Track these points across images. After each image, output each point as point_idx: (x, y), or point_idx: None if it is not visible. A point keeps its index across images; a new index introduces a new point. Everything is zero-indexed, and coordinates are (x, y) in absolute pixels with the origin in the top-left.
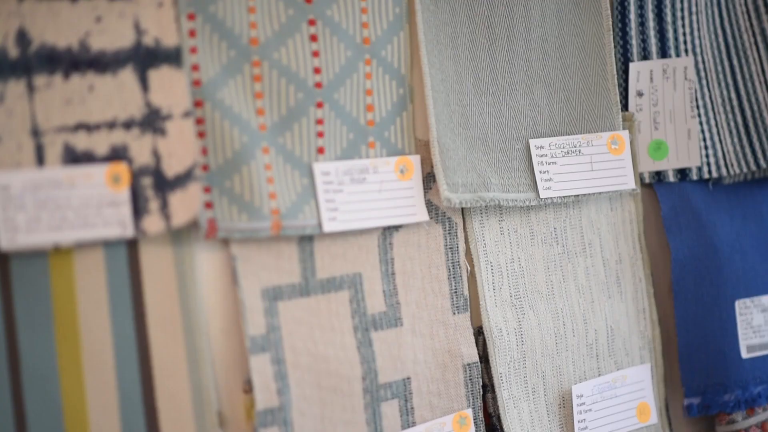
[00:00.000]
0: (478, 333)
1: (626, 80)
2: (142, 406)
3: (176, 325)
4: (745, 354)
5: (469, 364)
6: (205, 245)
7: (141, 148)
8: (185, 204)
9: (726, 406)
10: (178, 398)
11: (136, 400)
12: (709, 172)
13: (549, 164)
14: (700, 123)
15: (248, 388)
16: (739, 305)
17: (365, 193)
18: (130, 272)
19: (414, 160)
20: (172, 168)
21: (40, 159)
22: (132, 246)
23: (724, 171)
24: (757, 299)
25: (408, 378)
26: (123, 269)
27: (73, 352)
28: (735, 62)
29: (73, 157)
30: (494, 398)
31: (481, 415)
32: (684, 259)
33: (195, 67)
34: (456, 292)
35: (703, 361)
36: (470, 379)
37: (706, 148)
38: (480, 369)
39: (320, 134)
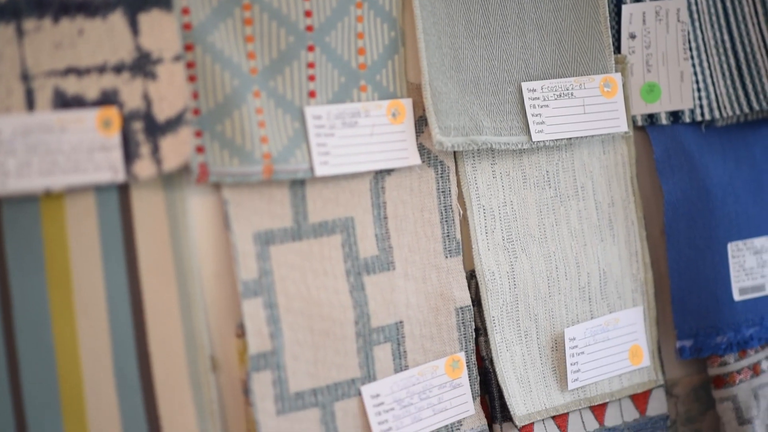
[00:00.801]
0: (471, 276)
1: (619, 22)
2: (134, 351)
3: (168, 269)
4: (737, 296)
5: (461, 308)
6: (196, 190)
7: (131, 92)
8: (176, 148)
9: (718, 348)
10: (170, 343)
11: (128, 345)
12: (702, 114)
13: (541, 107)
14: (693, 65)
15: (241, 332)
16: (732, 248)
17: (357, 137)
18: (122, 217)
19: (406, 104)
20: (163, 112)
21: (30, 103)
22: (123, 191)
23: (716, 113)
24: (750, 242)
25: (400, 322)
26: (114, 214)
27: (65, 297)
28: (728, 4)
29: (64, 102)
30: (487, 341)
31: (473, 358)
32: (676, 202)
33: (185, 11)
34: (448, 235)
35: (696, 304)
36: (463, 323)
37: (698, 90)
38: (472, 312)
39: (311, 78)
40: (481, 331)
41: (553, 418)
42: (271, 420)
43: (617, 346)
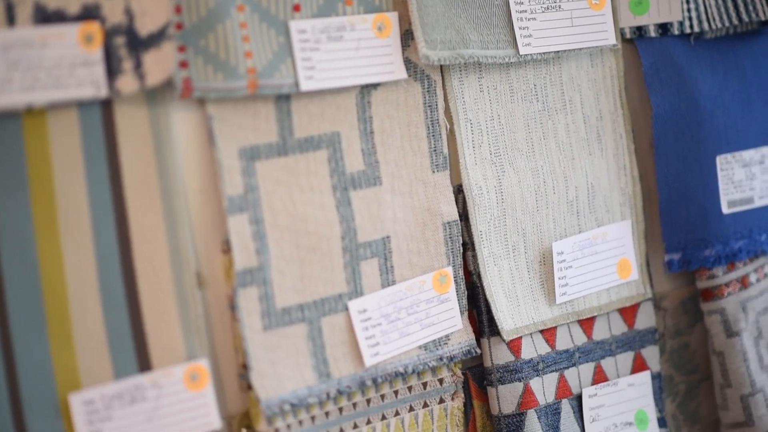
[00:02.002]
0: (458, 191)
1: None
2: (120, 269)
3: (153, 186)
4: (725, 209)
5: (448, 223)
6: (180, 105)
7: (113, 6)
8: (159, 63)
9: (706, 261)
10: (156, 259)
11: (113, 262)
12: (691, 26)
13: (528, 20)
14: None
15: (227, 248)
16: (720, 160)
17: (342, 51)
18: (105, 133)
19: (392, 17)
20: (145, 27)
21: (10, 19)
22: (106, 107)
23: (705, 25)
24: (738, 154)
25: (387, 237)
26: (98, 130)
27: (49, 215)
28: None
29: (44, 17)
30: (474, 256)
31: (461, 272)
32: (665, 115)
33: None
34: (435, 150)
35: (684, 217)
36: (450, 238)
37: (687, 2)
38: (460, 227)
39: None
40: (468, 246)
41: (541, 332)
42: (257, 335)
43: (605, 259)
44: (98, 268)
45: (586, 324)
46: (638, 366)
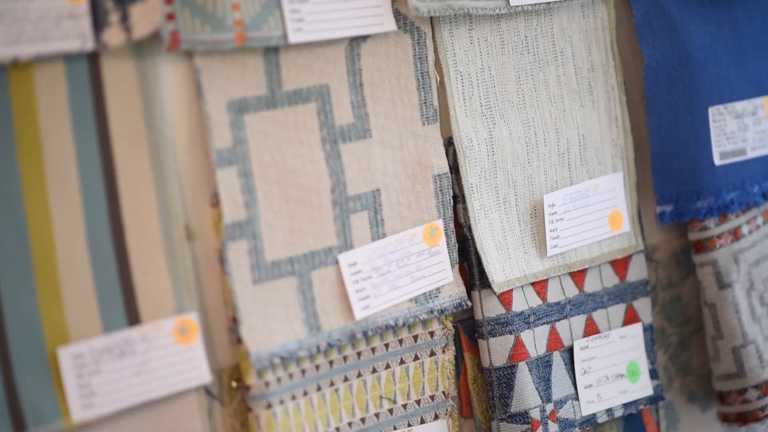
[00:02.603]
0: (448, 144)
1: None
2: (108, 223)
3: (141, 139)
4: (717, 161)
5: (439, 175)
6: (168, 58)
7: None
8: (146, 16)
9: (698, 213)
10: (144, 213)
11: (102, 216)
12: None
13: None
14: None
15: (215, 201)
16: (713, 112)
17: (331, 2)
18: (92, 87)
19: None
20: None
21: None
22: (93, 60)
23: None
24: (731, 105)
25: (377, 189)
26: (84, 84)
27: (36, 169)
28: None
29: None
30: (465, 209)
31: (451, 225)
32: (657, 66)
33: None
34: (425, 102)
35: (676, 169)
36: (440, 190)
37: None
38: (450, 180)
39: None
40: (459, 199)
41: (533, 284)
42: (247, 289)
43: (597, 212)
44: (86, 221)
45: (578, 276)
46: (630, 318)
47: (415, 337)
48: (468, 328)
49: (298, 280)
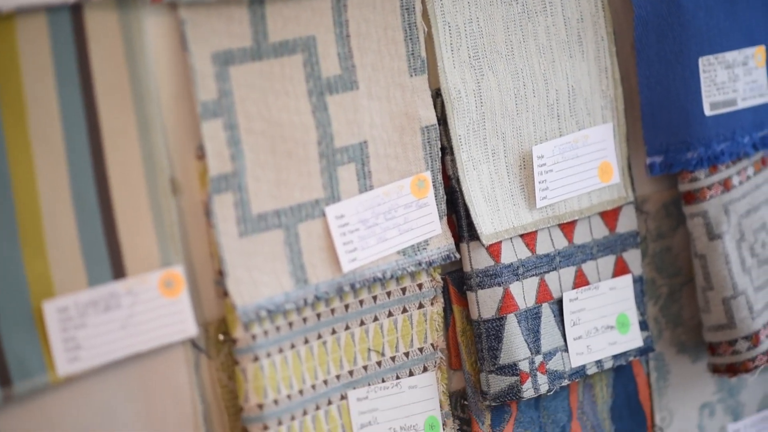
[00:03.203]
0: (436, 95)
1: None
2: (92, 176)
3: (125, 92)
4: (708, 111)
5: (427, 127)
6: (152, 10)
7: None
8: None
9: (689, 164)
10: (129, 166)
11: (86, 169)
12: None
13: None
14: None
15: (201, 154)
16: (703, 62)
17: None
18: (75, 40)
19: None
20: None
21: None
22: (76, 12)
23: None
24: (721, 56)
25: (365, 142)
26: (68, 36)
27: (20, 123)
28: None
29: None
30: (453, 161)
31: (439, 177)
32: (647, 16)
33: None
34: (413, 54)
35: (666, 120)
36: (428, 142)
37: None
38: (438, 131)
39: None
40: (447, 150)
41: (522, 236)
42: (233, 242)
43: (586, 163)
44: (70, 175)
45: (567, 228)
46: (620, 269)
47: (404, 290)
48: (457, 281)
49: (284, 233)
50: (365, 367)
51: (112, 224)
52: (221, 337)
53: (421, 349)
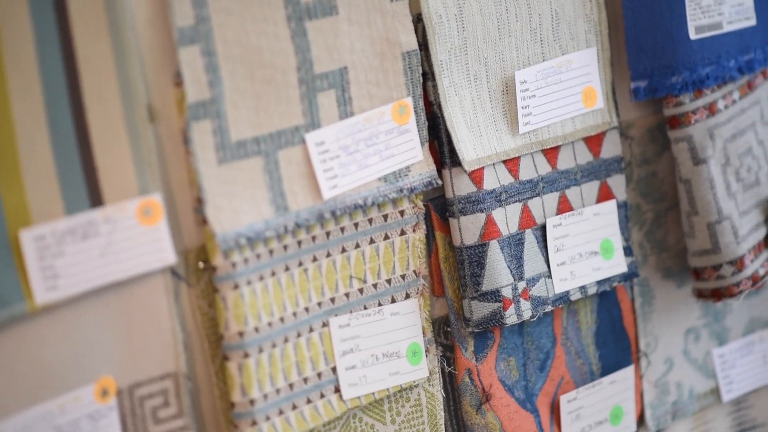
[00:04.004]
0: (417, 20)
1: None
2: (68, 103)
3: (100, 17)
4: (693, 35)
5: (408, 52)
6: None
7: None
8: None
9: (673, 88)
10: (105, 93)
11: (61, 96)
12: None
13: None
14: None
15: (178, 81)
16: None
17: None
18: None
19: None
20: None
21: None
22: None
23: None
24: None
25: (345, 68)
26: None
27: None
28: None
29: None
30: (435, 86)
31: (421, 103)
32: None
33: None
34: None
35: (651, 44)
36: (410, 68)
37: None
38: (419, 57)
39: None
40: (428, 76)
41: (504, 162)
42: (212, 169)
43: (570, 88)
44: (45, 103)
45: (551, 154)
46: (604, 195)
47: (385, 216)
48: (439, 207)
49: (264, 160)
50: (347, 295)
51: (88, 152)
52: (201, 264)
53: (403, 276)
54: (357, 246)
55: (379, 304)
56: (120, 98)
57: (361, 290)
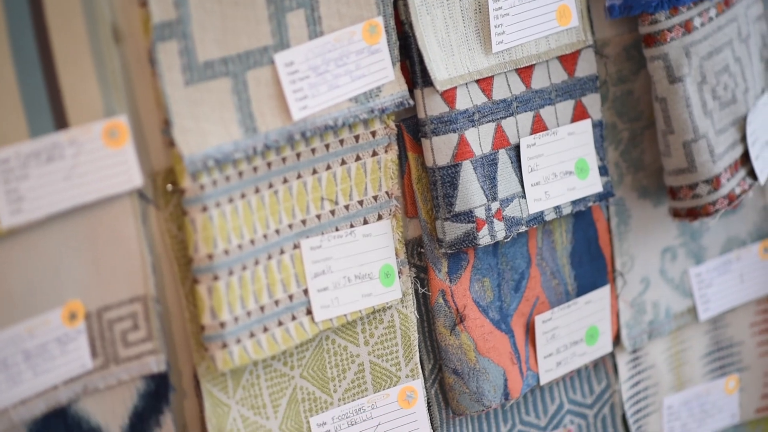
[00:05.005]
0: None
1: None
2: (31, 25)
3: None
4: None
5: None
6: None
7: None
8: None
9: (649, 5)
10: (68, 13)
11: (23, 17)
12: None
13: None
14: None
15: (143, 0)
16: None
17: None
18: None
19: None
20: None
21: None
22: None
23: None
24: None
25: None
26: None
27: None
28: None
29: None
30: (405, 5)
31: (392, 22)
32: None
33: None
34: None
35: None
36: None
37: None
38: None
39: None
40: None
41: (477, 82)
42: (179, 91)
43: (544, 6)
44: (7, 23)
45: (525, 73)
46: (579, 114)
47: (357, 137)
48: (411, 128)
49: (232, 81)
50: (318, 216)
51: (52, 74)
52: (169, 187)
53: (375, 197)
54: (328, 167)
55: (351, 226)
56: (84, 18)
57: (332, 212)
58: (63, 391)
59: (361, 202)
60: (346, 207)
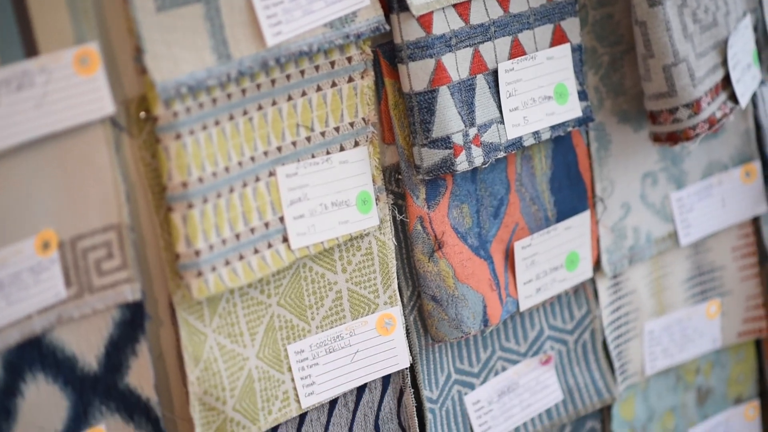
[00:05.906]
0: None
1: None
2: None
3: None
4: None
5: None
6: None
7: None
8: None
9: None
10: None
11: None
12: None
13: None
14: None
15: None
16: None
17: None
18: None
19: None
20: None
21: None
22: None
23: None
24: None
25: None
26: None
27: None
28: None
29: None
30: None
31: None
32: None
33: None
34: None
35: None
36: None
37: None
38: None
39: None
40: None
41: (454, 6)
42: (150, 17)
43: None
44: None
45: None
46: (558, 39)
47: (332, 63)
48: (388, 53)
49: (204, 7)
50: (294, 143)
51: (21, 1)
52: (142, 114)
53: (351, 124)
54: (304, 94)
55: (328, 153)
56: None
57: (308, 138)
58: (37, 320)
59: (337, 129)
60: (322, 134)
